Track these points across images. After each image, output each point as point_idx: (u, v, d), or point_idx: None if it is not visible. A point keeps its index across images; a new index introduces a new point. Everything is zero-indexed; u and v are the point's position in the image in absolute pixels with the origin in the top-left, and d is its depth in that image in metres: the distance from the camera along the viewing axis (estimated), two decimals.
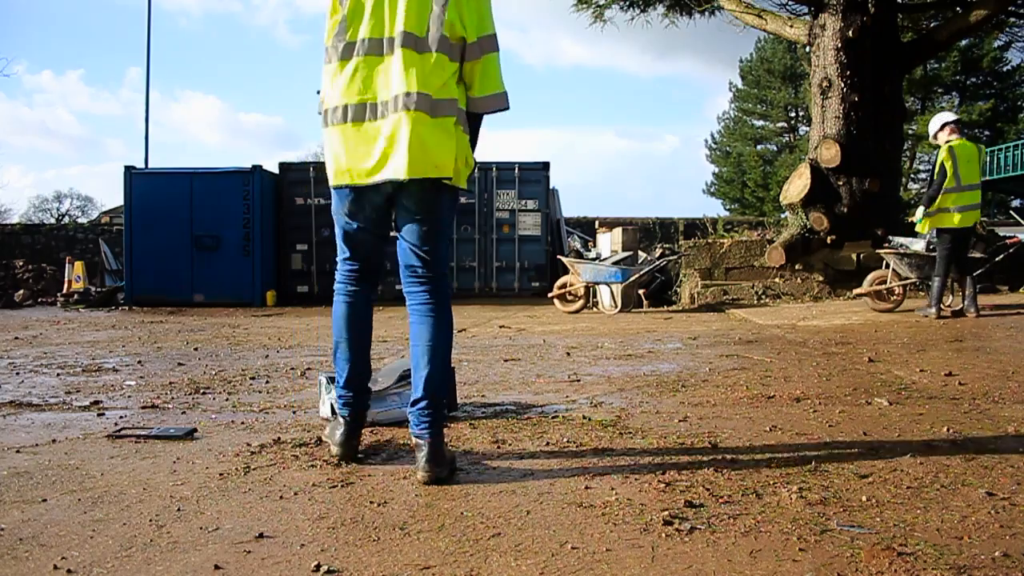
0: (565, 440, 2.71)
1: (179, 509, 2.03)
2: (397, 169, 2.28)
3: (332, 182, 2.46)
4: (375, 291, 2.60)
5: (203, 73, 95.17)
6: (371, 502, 2.07)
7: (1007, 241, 7.33)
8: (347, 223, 2.50)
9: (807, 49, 9.99)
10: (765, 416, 3.07)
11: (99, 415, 3.32)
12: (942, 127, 6.98)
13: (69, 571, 1.63)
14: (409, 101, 2.28)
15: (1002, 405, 3.21)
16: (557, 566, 1.62)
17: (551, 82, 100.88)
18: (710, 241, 10.95)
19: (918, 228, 6.95)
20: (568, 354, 5.24)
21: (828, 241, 9.26)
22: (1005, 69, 32.59)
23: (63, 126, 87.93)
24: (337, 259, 2.60)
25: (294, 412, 3.33)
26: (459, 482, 2.24)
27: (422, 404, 2.32)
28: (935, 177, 6.75)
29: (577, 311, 9.46)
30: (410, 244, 2.43)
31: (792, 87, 36.07)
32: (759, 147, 38.35)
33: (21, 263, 16.64)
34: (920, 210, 6.84)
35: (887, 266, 7.41)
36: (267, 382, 4.20)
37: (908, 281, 7.28)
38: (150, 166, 17.31)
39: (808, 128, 21.81)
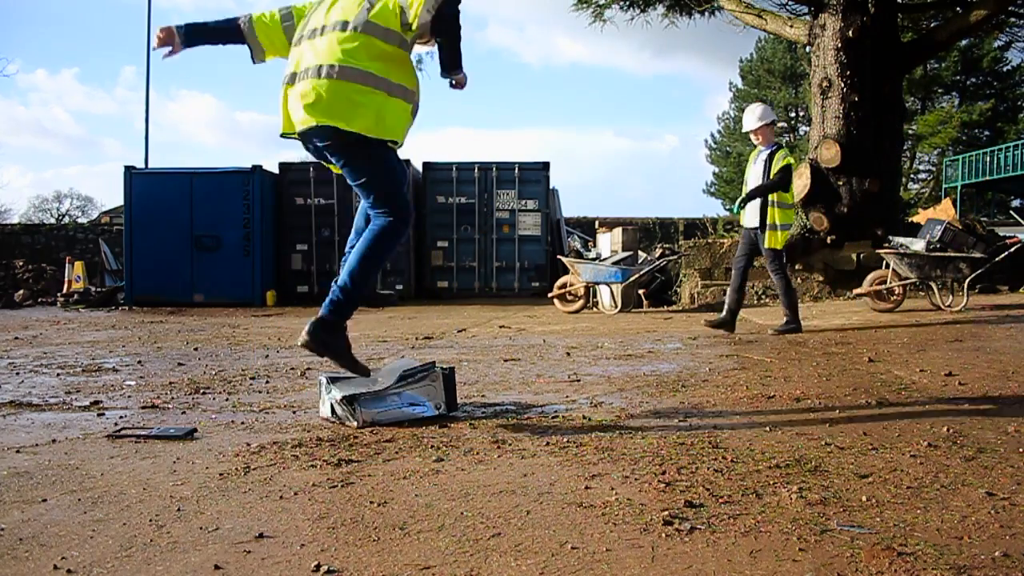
0: (565, 440, 2.71)
1: (179, 509, 2.03)
2: (302, 120, 2.96)
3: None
4: None
5: (198, 72, 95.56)
6: (371, 502, 2.07)
7: (1007, 241, 7.30)
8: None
9: (807, 49, 9.99)
10: (765, 416, 3.07)
11: (99, 415, 3.32)
12: (771, 123, 6.55)
13: (69, 571, 1.63)
14: (323, 70, 2.87)
15: (1002, 405, 3.21)
16: (557, 566, 1.62)
17: (549, 81, 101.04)
18: (710, 241, 10.94)
19: (739, 212, 6.51)
20: (568, 354, 5.24)
21: (828, 241, 9.26)
22: (1005, 69, 32.56)
23: (59, 125, 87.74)
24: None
25: (294, 412, 3.33)
26: (458, 481, 2.25)
27: (335, 288, 2.95)
28: (779, 178, 6.30)
29: (577, 311, 9.46)
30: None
31: (792, 87, 36.03)
32: None
33: (21, 263, 16.65)
34: (750, 203, 6.37)
35: (887, 266, 7.41)
36: (267, 382, 4.20)
37: (908, 281, 7.27)
38: (149, 166, 17.32)
39: (808, 128, 21.82)
